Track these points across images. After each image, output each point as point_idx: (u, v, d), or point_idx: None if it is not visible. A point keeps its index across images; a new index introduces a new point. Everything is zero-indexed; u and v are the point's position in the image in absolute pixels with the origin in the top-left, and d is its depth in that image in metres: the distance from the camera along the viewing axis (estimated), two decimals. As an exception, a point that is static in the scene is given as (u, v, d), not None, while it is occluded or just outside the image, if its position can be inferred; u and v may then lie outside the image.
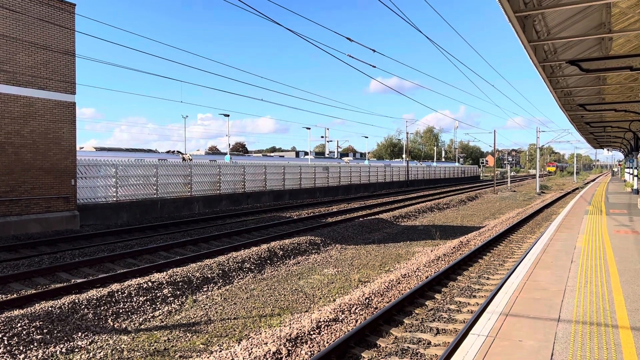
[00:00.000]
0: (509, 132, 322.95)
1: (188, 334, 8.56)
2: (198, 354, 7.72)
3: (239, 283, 12.03)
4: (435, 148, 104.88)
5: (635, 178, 32.58)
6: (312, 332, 8.20)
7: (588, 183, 69.01)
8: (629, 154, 45.89)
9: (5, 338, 7.57)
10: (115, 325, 8.88)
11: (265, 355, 7.19)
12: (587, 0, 10.86)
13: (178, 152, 49.20)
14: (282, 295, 10.99)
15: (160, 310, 9.78)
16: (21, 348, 7.52)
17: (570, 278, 8.47)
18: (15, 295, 9.83)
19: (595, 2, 10.93)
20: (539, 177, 53.56)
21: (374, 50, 15.33)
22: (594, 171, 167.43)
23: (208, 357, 7.43)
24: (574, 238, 12.99)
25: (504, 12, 10.62)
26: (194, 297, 10.64)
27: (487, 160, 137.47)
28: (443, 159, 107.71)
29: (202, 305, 10.19)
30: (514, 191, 52.52)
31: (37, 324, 8.16)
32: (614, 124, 32.24)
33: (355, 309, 9.51)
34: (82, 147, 39.88)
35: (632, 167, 38.93)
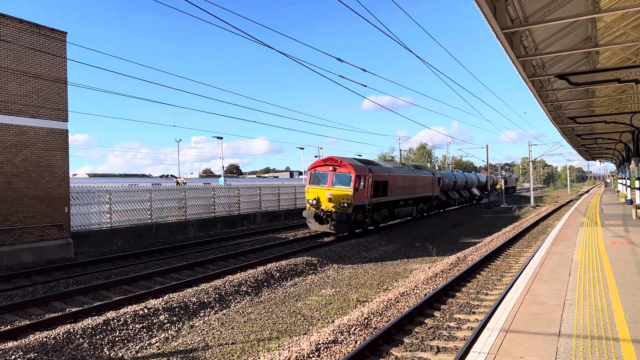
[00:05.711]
0: (502, 146, 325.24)
1: (185, 361, 8.42)
2: (196, 381, 7.59)
3: (236, 307, 11.90)
4: (428, 164, 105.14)
5: (629, 189, 32.75)
6: (311, 355, 8.09)
7: (582, 195, 69.33)
8: (621, 165, 46.24)
9: (-2, 371, 7.43)
10: (112, 354, 8.73)
11: (264, 380, 7.08)
12: (572, 15, 11.06)
13: (172, 176, 49.13)
14: (280, 318, 10.87)
15: (156, 337, 9.65)
16: (15, 381, 7.37)
17: (568, 291, 8.44)
18: (9, 326, 9.66)
19: (581, 17, 11.12)
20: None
21: (365, 70, 15.51)
22: (587, 183, 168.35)
23: (206, 384, 7.31)
24: (571, 251, 12.99)
25: (491, 30, 10.78)
26: (190, 323, 10.51)
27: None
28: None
29: (199, 331, 10.06)
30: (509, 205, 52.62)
31: (32, 355, 8.02)
32: (605, 136, 32.57)
33: (355, 329, 9.41)
34: (75, 174, 39.84)
35: (624, 178, 39.17)
